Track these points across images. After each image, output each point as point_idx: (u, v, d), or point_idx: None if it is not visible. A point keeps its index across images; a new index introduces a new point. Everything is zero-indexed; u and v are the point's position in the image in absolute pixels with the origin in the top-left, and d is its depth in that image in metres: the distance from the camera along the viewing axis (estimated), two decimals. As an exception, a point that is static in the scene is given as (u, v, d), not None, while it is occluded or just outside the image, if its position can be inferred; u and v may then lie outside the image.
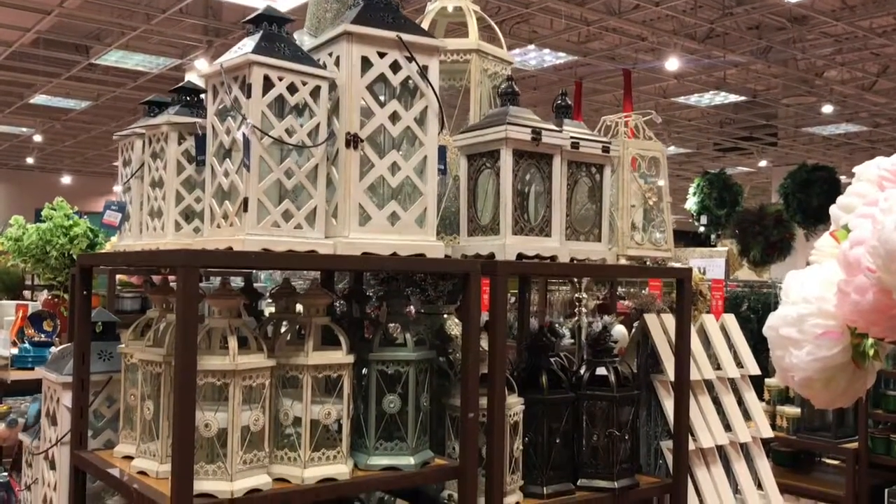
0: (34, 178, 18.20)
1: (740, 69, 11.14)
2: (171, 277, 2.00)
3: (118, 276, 5.40)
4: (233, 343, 1.71)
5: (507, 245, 2.06)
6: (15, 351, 4.97)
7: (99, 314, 2.29)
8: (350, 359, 1.87)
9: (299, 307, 1.99)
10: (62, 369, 2.17)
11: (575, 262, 2.21)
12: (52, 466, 2.20)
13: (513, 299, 3.17)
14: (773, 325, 1.13)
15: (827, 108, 12.19)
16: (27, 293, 8.28)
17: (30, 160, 17.33)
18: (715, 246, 11.99)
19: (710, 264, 9.68)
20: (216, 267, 1.61)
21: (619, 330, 3.21)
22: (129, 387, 1.98)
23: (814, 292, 1.10)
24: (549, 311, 5.95)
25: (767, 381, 4.37)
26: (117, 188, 2.09)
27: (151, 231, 1.92)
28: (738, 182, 13.44)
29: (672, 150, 15.51)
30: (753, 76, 11.62)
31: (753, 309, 7.20)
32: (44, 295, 6.54)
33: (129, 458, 1.92)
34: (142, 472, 1.82)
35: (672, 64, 10.13)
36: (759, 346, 3.72)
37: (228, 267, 1.64)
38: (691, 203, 13.25)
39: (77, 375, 2.09)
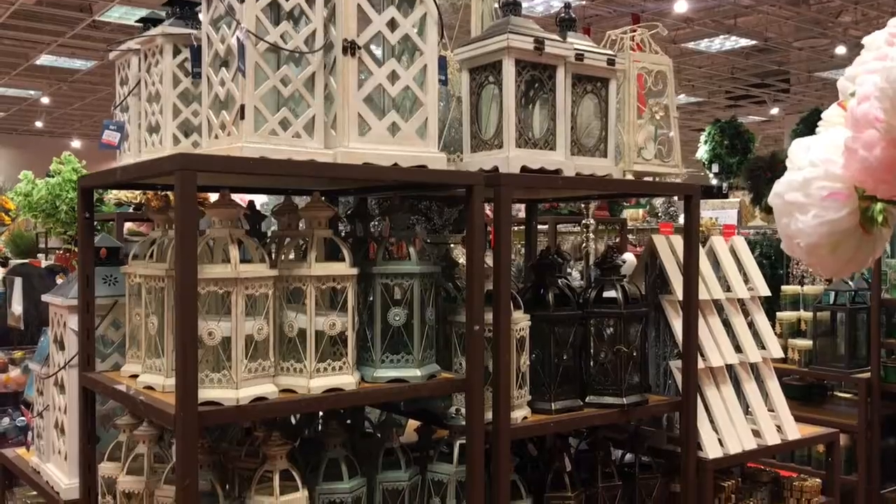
0: (44, 142, 18.19)
1: (751, 11, 10.94)
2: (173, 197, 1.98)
3: (127, 225, 5.40)
4: (234, 252, 1.69)
5: (511, 158, 2.02)
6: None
7: (103, 240, 2.28)
8: (353, 271, 1.85)
9: (302, 224, 1.97)
10: (67, 293, 2.17)
11: (580, 176, 2.17)
12: (62, 391, 2.21)
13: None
14: (779, 191, 1.10)
15: (840, 50, 11.98)
16: (41, 256, 8.33)
17: (39, 124, 17.32)
18: (727, 197, 11.89)
19: (722, 216, 9.61)
20: (214, 171, 1.59)
21: (629, 258, 3.19)
22: (134, 306, 1.98)
23: (820, 155, 1.07)
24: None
25: (779, 314, 4.34)
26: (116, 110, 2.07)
27: (150, 147, 1.90)
28: (749, 129, 13.28)
29: (682, 98, 15.32)
30: (765, 19, 11.41)
31: (766, 255, 7.15)
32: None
33: (137, 377, 1.92)
34: (148, 388, 1.83)
35: (681, 6, 9.95)
36: (771, 300, 3.67)
37: (227, 172, 1.62)
38: (702, 152, 13.12)
39: (82, 298, 2.09)
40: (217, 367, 1.69)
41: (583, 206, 2.87)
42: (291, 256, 1.93)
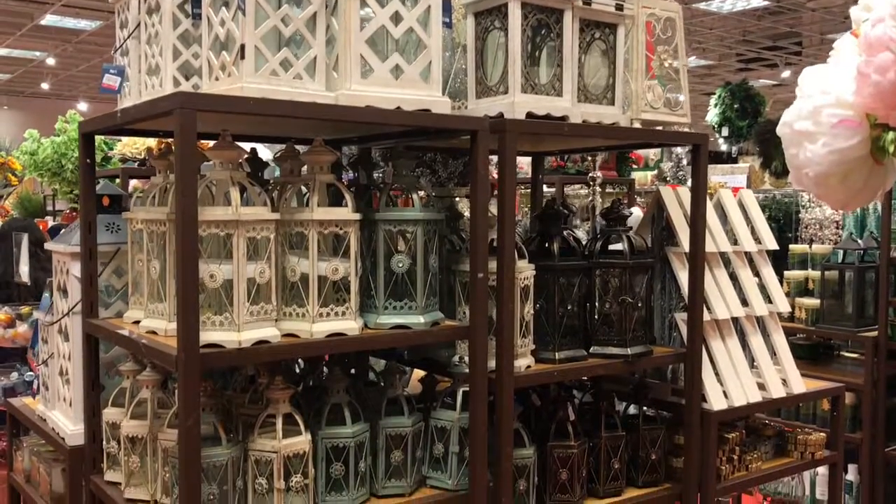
0: (50, 105, 18.13)
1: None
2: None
3: (133, 183, 5.39)
4: (234, 194, 1.68)
5: (516, 103, 1.99)
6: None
7: (105, 187, 2.27)
8: (356, 216, 1.84)
9: (305, 171, 1.95)
10: (70, 240, 2.16)
11: (586, 124, 2.14)
12: (66, 338, 2.21)
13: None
14: (788, 120, 1.08)
15: (855, 10, 11.77)
16: (48, 219, 8.35)
17: (45, 86, 17.23)
18: (736, 162, 11.78)
19: (731, 180, 9.52)
20: (213, 111, 1.57)
21: (636, 212, 3.16)
22: (137, 253, 1.97)
23: (831, 82, 1.04)
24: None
25: (787, 273, 4.31)
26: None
27: (150, 89, 1.87)
28: (760, 92, 13.11)
29: (693, 61, 15.14)
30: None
31: (774, 218, 7.10)
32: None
33: (139, 322, 1.91)
34: (151, 332, 1.82)
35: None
36: (779, 256, 3.63)
37: (227, 112, 1.59)
38: (712, 115, 12.99)
39: (84, 245, 2.09)
40: (219, 310, 1.68)
41: (590, 159, 2.84)
42: (294, 203, 1.91)
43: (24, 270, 4.60)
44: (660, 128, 2.32)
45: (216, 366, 1.64)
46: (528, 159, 3.06)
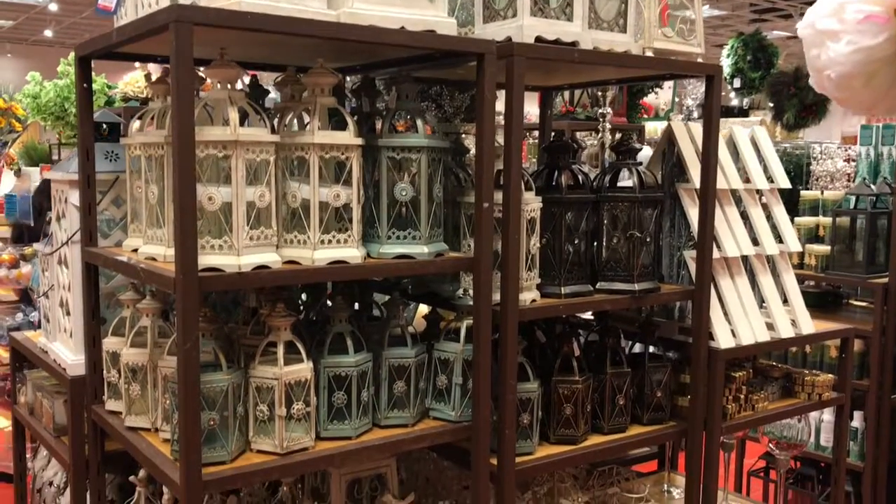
0: (53, 52, 17.96)
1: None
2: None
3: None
4: (233, 114, 1.63)
5: (525, 27, 1.93)
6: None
7: (103, 115, 2.22)
8: (358, 140, 1.79)
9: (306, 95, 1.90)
10: (68, 169, 2.13)
11: (597, 51, 2.07)
12: (66, 268, 2.18)
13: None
14: (810, 20, 1.02)
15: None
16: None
17: (48, 33, 17.06)
18: (747, 115, 11.61)
19: (742, 134, 9.41)
20: (209, 24, 1.51)
21: (647, 149, 3.10)
22: (135, 180, 1.93)
23: (859, -24, 0.98)
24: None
25: (797, 219, 4.25)
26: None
27: (146, 8, 1.81)
28: (773, 44, 12.87)
29: (706, 10, 14.86)
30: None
31: (786, 171, 7.00)
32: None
33: (139, 250, 1.88)
34: (150, 258, 1.79)
35: None
36: (790, 203, 3.55)
37: (224, 27, 1.54)
38: (724, 66, 12.78)
39: (82, 172, 2.04)
40: (218, 234, 1.65)
41: (599, 101, 2.77)
42: (295, 128, 1.86)
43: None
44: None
45: (215, 289, 1.62)
46: (537, 110, 3.01)
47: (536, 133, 5.07)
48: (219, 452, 1.69)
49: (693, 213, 2.39)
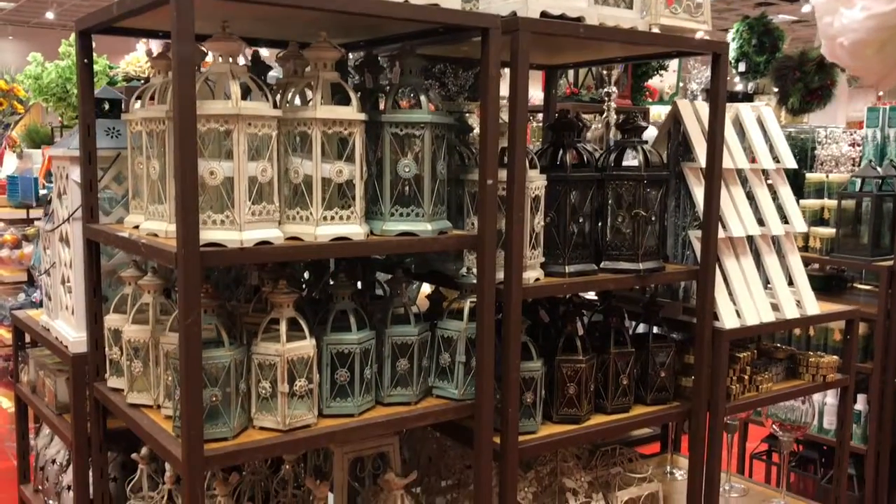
0: (55, 35, 17.90)
1: None
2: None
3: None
4: (234, 87, 1.61)
5: (530, 1, 1.90)
6: (43, 192, 4.96)
7: (104, 91, 2.21)
8: (361, 116, 1.77)
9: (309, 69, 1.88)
10: (70, 145, 2.11)
11: (603, 27, 2.05)
12: (67, 245, 2.17)
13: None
14: (824, -15, 1.00)
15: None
16: (56, 149, 8.27)
17: (49, 15, 16.99)
18: (752, 100, 11.54)
19: (746, 119, 9.36)
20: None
21: (652, 129, 3.07)
22: (137, 156, 1.91)
23: (873, -60, 0.96)
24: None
25: (802, 202, 4.23)
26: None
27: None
28: (779, 27, 12.78)
29: (712, -6, 14.74)
30: None
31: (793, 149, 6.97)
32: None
33: (140, 227, 1.87)
34: (152, 235, 1.77)
35: None
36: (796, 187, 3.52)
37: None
38: (729, 50, 12.69)
39: (83, 148, 2.03)
40: (220, 209, 1.63)
41: (604, 93, 2.75)
42: (297, 104, 1.85)
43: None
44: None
45: (217, 264, 1.60)
46: (541, 94, 2.99)
47: (540, 116, 5.05)
48: (221, 429, 1.68)
49: (698, 193, 2.38)
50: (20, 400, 2.69)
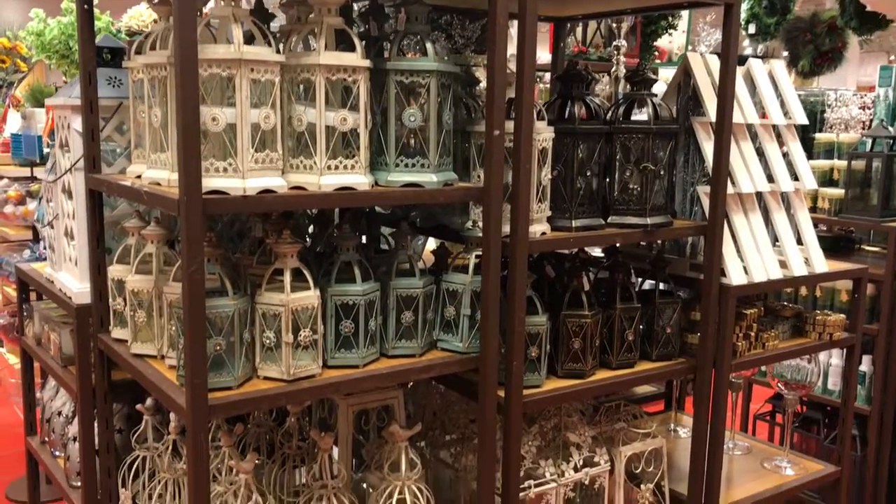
0: (59, -5, 17.72)
1: None
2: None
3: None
4: (237, 31, 1.58)
5: (539, -54, 1.86)
6: (47, 150, 4.93)
7: (105, 40, 2.17)
8: (365, 62, 1.74)
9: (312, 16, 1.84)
10: (70, 94, 2.08)
11: (613, -25, 2.01)
12: (70, 196, 2.16)
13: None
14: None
15: None
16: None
17: (52, -25, 16.84)
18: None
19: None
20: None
21: (661, 87, 3.02)
22: (138, 105, 1.89)
23: None
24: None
25: (811, 163, 4.18)
26: None
27: (147, -77, 1.76)
28: (791, -12, 12.58)
29: (723, -45, 14.50)
30: None
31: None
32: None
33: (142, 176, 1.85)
34: (154, 183, 1.76)
35: None
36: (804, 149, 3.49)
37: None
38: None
39: (85, 97, 2.00)
40: (223, 156, 1.61)
41: (613, 46, 2.68)
42: (300, 48, 1.81)
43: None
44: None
45: (219, 212, 1.59)
46: (548, 56, 2.93)
47: (547, 77, 4.98)
48: (225, 378, 1.68)
49: (708, 148, 2.34)
50: (25, 353, 2.69)
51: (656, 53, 6.98)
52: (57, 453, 2.53)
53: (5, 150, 5.27)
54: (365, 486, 2.17)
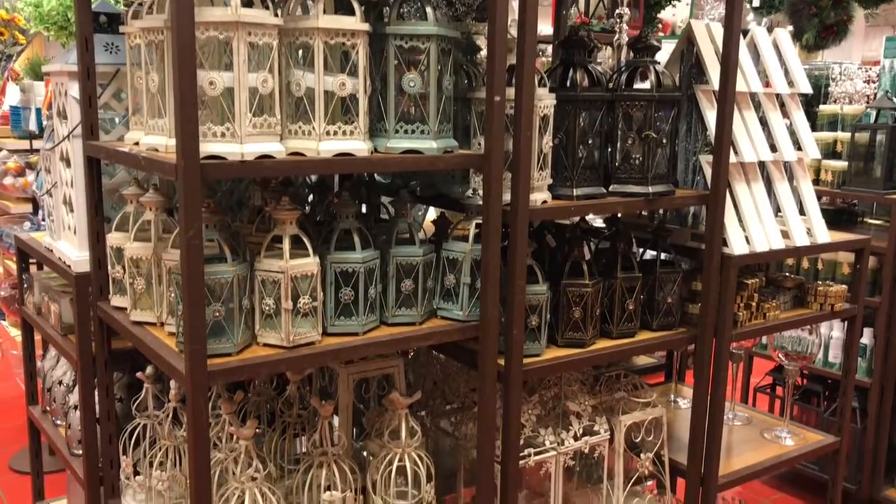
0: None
1: None
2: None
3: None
4: (234, -6, 1.56)
5: None
6: (46, 123, 4.90)
7: (101, 5, 2.15)
8: (365, 26, 1.72)
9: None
10: (67, 60, 2.06)
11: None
12: (68, 164, 2.14)
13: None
14: None
15: None
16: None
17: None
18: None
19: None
20: None
21: (664, 57, 2.99)
22: (136, 71, 1.87)
23: None
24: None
25: (815, 134, 4.15)
26: None
27: None
28: (796, -40, 12.45)
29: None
30: None
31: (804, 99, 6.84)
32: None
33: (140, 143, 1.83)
34: (152, 150, 1.74)
35: None
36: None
37: None
38: (745, -15, 12.40)
39: (81, 64, 1.98)
40: (220, 121, 1.59)
41: (616, 14, 2.65)
42: (299, 12, 1.79)
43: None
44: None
45: (218, 177, 1.58)
46: (550, 29, 2.90)
47: (549, 50, 4.94)
48: (224, 345, 1.67)
49: (710, 116, 2.32)
50: (26, 322, 2.69)
51: (659, 26, 6.92)
52: (58, 422, 2.54)
53: (4, 122, 5.25)
54: (365, 454, 2.18)
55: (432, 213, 2.74)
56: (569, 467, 2.31)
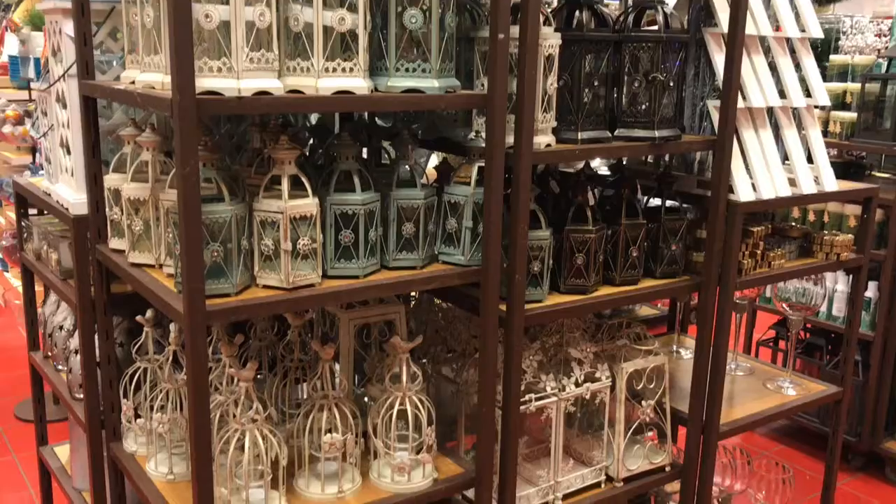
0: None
1: None
2: None
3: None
4: (230, -78, 1.51)
5: None
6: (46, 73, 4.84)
7: (95, -59, 2.09)
8: (365, -40, 1.67)
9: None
10: (61, -3, 2.02)
11: None
12: (64, 106, 2.11)
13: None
14: None
15: None
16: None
17: None
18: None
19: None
20: None
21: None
22: (130, 8, 1.82)
23: None
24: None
25: (824, 84, 4.09)
26: None
27: None
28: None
29: None
30: None
31: (813, 45, 6.73)
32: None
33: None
34: (149, 87, 1.70)
35: None
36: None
37: None
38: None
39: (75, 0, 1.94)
40: (217, 56, 1.56)
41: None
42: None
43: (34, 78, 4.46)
44: None
45: (214, 113, 1.54)
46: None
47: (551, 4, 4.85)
48: (223, 285, 1.66)
49: (719, 60, 2.27)
50: (26, 269, 2.68)
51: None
52: (60, 367, 2.54)
53: (3, 72, 5.19)
54: (366, 399, 2.18)
55: (434, 159, 2.70)
56: (570, 414, 2.31)
